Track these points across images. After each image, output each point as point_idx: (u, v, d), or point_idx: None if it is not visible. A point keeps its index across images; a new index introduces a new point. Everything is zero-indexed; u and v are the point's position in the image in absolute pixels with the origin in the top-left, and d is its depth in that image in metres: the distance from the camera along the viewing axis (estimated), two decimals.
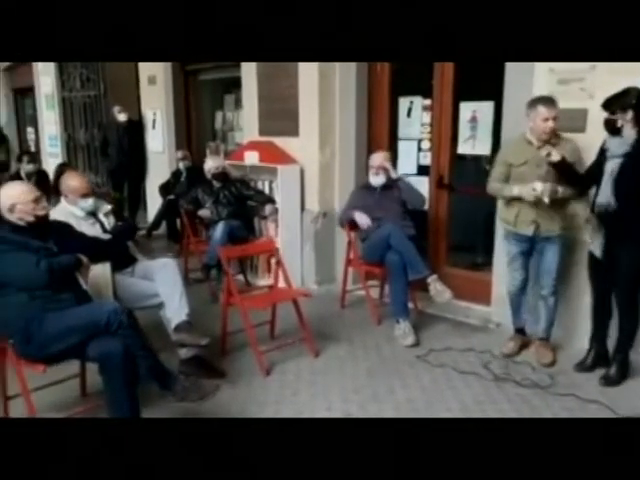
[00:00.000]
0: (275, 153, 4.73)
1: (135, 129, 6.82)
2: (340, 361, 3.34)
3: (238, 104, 6.62)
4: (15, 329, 2.35)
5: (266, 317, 3.61)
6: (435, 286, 3.50)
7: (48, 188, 5.81)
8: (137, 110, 7.12)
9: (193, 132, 6.84)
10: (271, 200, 4.66)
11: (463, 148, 4.21)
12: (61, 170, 4.77)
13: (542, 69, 3.39)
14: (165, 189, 6.18)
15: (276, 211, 4.62)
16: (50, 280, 2.37)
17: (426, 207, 4.25)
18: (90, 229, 3.07)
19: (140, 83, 6.90)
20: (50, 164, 8.14)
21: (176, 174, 6.19)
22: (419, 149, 4.46)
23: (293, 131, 4.69)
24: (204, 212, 4.68)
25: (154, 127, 6.80)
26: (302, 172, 4.70)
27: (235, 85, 6.51)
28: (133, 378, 2.32)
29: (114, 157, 6.83)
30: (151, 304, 3.06)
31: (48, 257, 2.43)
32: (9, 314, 2.36)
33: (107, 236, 3.09)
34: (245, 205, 4.81)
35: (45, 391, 2.69)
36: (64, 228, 2.77)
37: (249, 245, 3.82)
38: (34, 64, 8.57)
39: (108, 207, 3.28)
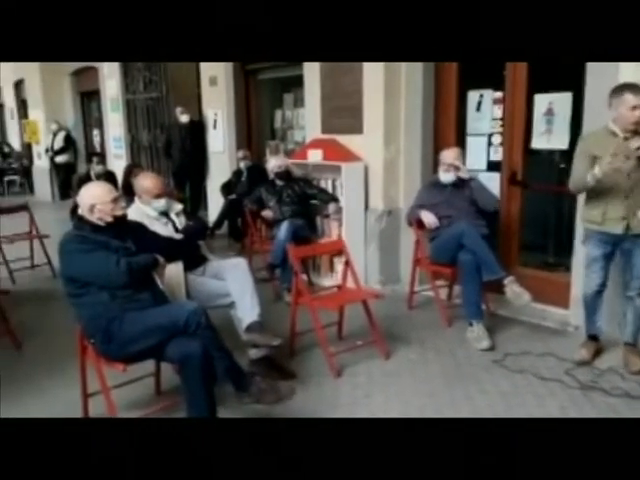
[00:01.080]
0: (339, 151, 4.66)
1: (197, 130, 6.92)
2: (412, 364, 3.24)
3: (297, 103, 6.62)
4: (97, 328, 2.39)
5: (333, 318, 3.54)
6: (512, 288, 3.34)
7: (116, 188, 5.98)
8: (198, 111, 7.23)
9: (253, 131, 6.87)
10: (335, 199, 4.60)
11: (537, 143, 4.01)
12: (130, 170, 4.88)
13: None
14: (227, 189, 6.24)
15: (340, 210, 4.56)
16: (130, 279, 2.39)
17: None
18: (163, 229, 3.10)
19: (201, 84, 6.99)
20: (115, 165, 8.39)
21: (237, 173, 6.24)
22: (489, 144, 4.29)
23: (357, 128, 4.61)
24: (267, 213, 4.66)
25: (215, 127, 6.87)
26: (366, 170, 4.61)
27: (294, 84, 6.49)
28: (211, 379, 2.31)
29: (177, 158, 6.96)
30: (222, 304, 3.06)
31: (127, 257, 2.45)
32: (91, 313, 2.40)
33: (179, 236, 3.11)
34: (308, 204, 4.77)
35: (121, 389, 2.72)
36: (139, 228, 2.80)
37: (318, 244, 3.76)
38: (99, 68, 8.86)
39: (179, 207, 3.30)
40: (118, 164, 8.48)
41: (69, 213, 6.26)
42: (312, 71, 4.93)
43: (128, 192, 4.92)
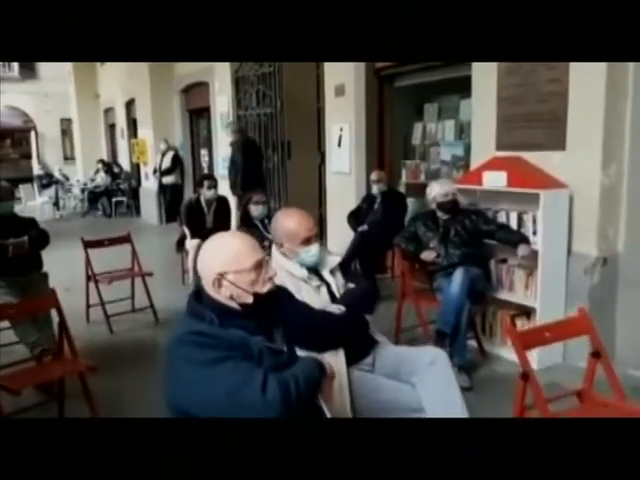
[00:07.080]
0: (529, 173, 3.40)
1: (249, 146, 6.18)
2: None
3: (442, 114, 5.44)
4: None
5: None
6: None
7: (229, 220, 5.08)
8: (317, 127, 6.30)
9: (386, 149, 5.74)
10: (525, 239, 3.31)
11: None
12: (250, 197, 3.89)
13: None
14: (355, 217, 5.13)
15: (533, 255, 3.27)
16: (285, 416, 1.28)
17: None
18: (314, 297, 1.98)
19: (324, 96, 6.01)
20: (223, 188, 7.63)
21: (368, 199, 5.13)
22: None
23: (556, 142, 3.34)
24: (428, 255, 3.45)
25: (339, 145, 5.83)
26: (571, 200, 3.31)
27: (438, 91, 5.35)
28: None
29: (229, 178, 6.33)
30: None
31: (277, 369, 1.35)
32: None
33: (339, 307, 1.98)
34: (480, 245, 3.53)
35: None
36: (287, 301, 1.71)
37: (549, 326, 2.29)
38: (211, 85, 8.24)
39: (336, 259, 2.17)
40: (226, 186, 7.74)
41: (175, 245, 5.47)
42: (485, 68, 3.72)
43: (246, 223, 3.96)
